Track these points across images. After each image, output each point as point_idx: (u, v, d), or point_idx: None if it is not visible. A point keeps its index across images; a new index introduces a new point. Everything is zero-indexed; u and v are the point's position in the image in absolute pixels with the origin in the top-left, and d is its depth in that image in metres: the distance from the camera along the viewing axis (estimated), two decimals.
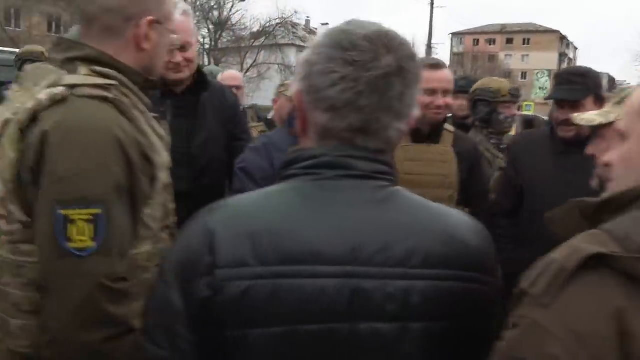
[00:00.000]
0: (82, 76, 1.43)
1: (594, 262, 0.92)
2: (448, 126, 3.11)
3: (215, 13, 32.21)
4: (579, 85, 2.87)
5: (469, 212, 2.95)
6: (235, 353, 1.04)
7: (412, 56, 1.15)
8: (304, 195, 1.11)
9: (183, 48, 2.57)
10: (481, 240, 1.16)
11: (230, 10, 32.82)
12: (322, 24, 55.87)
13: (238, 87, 4.82)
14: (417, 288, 1.06)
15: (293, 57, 42.92)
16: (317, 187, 1.11)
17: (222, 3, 32.33)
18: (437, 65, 2.97)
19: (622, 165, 1.14)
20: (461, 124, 4.24)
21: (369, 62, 1.09)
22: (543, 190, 2.83)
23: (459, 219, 1.18)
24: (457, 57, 61.91)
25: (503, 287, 1.18)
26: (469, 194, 2.97)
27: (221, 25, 32.10)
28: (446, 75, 2.97)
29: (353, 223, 1.08)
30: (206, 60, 30.63)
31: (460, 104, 4.41)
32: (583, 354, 0.89)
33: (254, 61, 34.45)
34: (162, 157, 1.53)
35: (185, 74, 2.64)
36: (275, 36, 36.69)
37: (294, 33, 46.71)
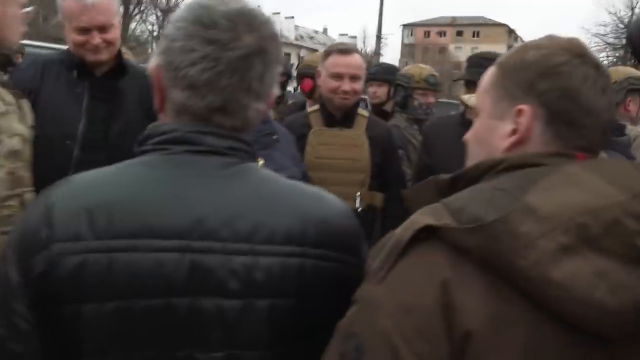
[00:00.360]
0: None
1: (426, 235, 0.92)
2: (362, 111, 3.13)
3: (163, 1, 31.62)
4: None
5: (384, 197, 3.02)
6: (72, 330, 1.01)
7: (273, 36, 1.14)
8: (149, 170, 1.09)
9: (103, 29, 2.48)
10: (340, 219, 1.15)
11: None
12: (274, 13, 55.66)
13: None
14: (261, 264, 1.04)
15: None
16: (163, 161, 1.09)
17: None
18: (346, 51, 2.96)
19: (474, 142, 1.16)
20: (380, 111, 4.29)
21: (230, 42, 1.08)
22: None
23: (317, 197, 1.16)
24: (408, 48, 62.58)
25: None
26: (384, 179, 3.00)
27: (169, 11, 31.51)
28: (355, 61, 2.95)
29: (195, 197, 1.06)
30: (155, 47, 30.00)
31: (373, 91, 4.49)
32: (409, 325, 0.88)
33: None
34: (12, 124, 1.56)
35: (105, 55, 2.53)
36: None
37: None
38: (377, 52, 31.98)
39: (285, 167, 2.28)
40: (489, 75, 1.14)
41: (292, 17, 56.81)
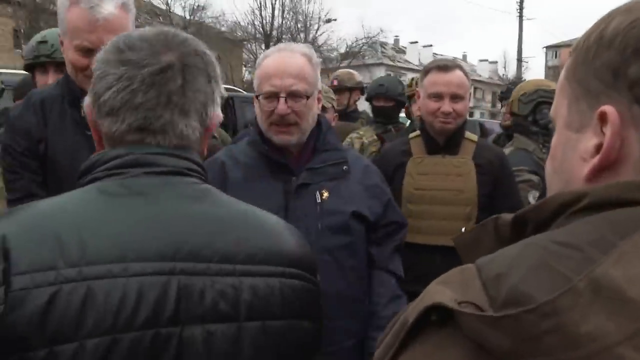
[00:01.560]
0: None
1: (441, 317, 0.62)
2: (470, 135, 2.80)
3: (302, 35, 32.65)
4: None
5: None
6: None
7: (195, 52, 1.11)
8: (110, 194, 1.02)
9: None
10: (296, 239, 1.14)
11: (316, 32, 33.23)
12: (411, 43, 55.73)
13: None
14: (245, 284, 1.00)
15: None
16: (123, 185, 1.03)
17: (308, 25, 32.82)
18: (445, 67, 2.66)
19: (549, 165, 0.83)
20: (510, 135, 3.96)
21: (144, 60, 1.05)
22: None
23: (268, 217, 1.15)
24: (552, 71, 59.69)
25: None
26: (497, 212, 2.60)
27: None
28: (456, 78, 2.65)
29: (170, 217, 1.01)
30: None
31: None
32: None
33: None
34: None
35: None
36: (362, 56, 36.78)
37: (382, 52, 46.73)
38: (518, 77, 30.68)
39: (353, 200, 2.07)
40: (564, 66, 0.80)
41: (431, 45, 56.40)
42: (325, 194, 2.04)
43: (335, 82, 5.07)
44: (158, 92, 1.04)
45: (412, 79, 4.06)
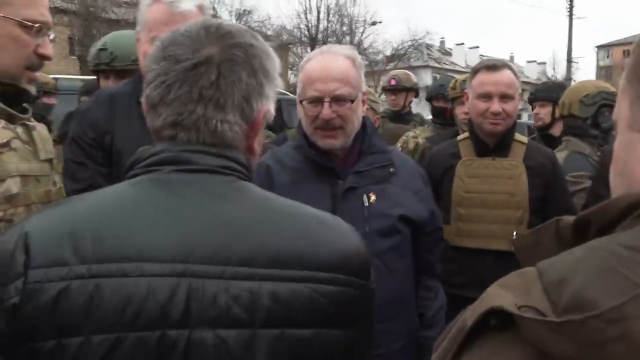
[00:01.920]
0: None
1: (500, 321, 0.60)
2: (520, 137, 2.75)
3: (347, 38, 32.67)
4: None
5: None
6: None
7: (237, 44, 1.08)
8: (138, 192, 1.03)
9: None
10: (346, 240, 1.08)
11: (362, 34, 33.21)
12: (457, 44, 55.12)
13: None
14: (266, 289, 0.96)
15: (428, 79, 42.55)
16: (153, 182, 1.04)
17: (353, 28, 32.82)
18: (494, 67, 2.62)
19: (613, 167, 0.80)
20: (545, 136, 3.91)
21: (182, 55, 1.05)
22: None
23: (320, 218, 1.10)
24: (605, 71, 58.11)
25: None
26: (548, 216, 2.51)
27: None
28: (505, 77, 2.60)
29: (189, 217, 0.99)
30: None
31: (536, 113, 4.06)
32: None
33: None
34: (3, 164, 1.42)
35: None
36: (409, 58, 36.56)
37: (428, 54, 46.36)
38: (568, 78, 30.04)
39: (400, 203, 2.05)
40: (625, 66, 0.78)
41: (477, 47, 55.64)
42: (373, 197, 2.03)
43: (394, 82, 4.99)
44: (190, 87, 1.03)
45: (455, 80, 3.96)
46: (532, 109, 4.18)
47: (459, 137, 2.83)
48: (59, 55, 27.48)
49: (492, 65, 2.63)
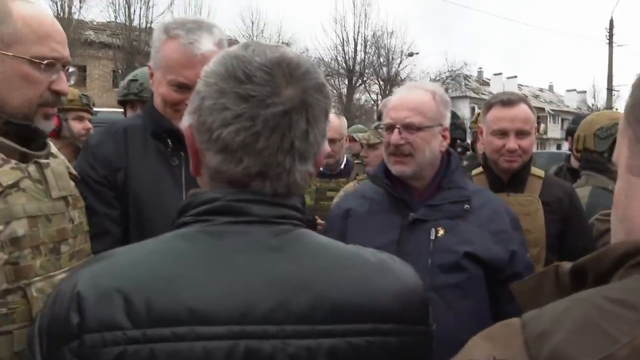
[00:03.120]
0: None
1: None
2: (537, 171, 2.66)
3: (384, 69, 32.86)
4: None
5: None
6: None
7: (317, 87, 1.01)
8: (189, 245, 0.97)
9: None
10: (409, 288, 1.03)
11: (399, 65, 33.33)
12: (495, 74, 54.77)
13: None
14: (324, 347, 0.92)
15: (466, 110, 42.30)
16: (204, 234, 0.98)
17: (390, 59, 32.99)
18: (509, 102, 2.52)
19: (613, 211, 0.78)
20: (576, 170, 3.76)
21: (267, 97, 0.96)
22: None
23: (383, 265, 1.04)
24: None
25: None
26: (567, 253, 2.35)
27: (390, 81, 32.63)
28: (521, 113, 2.51)
29: (243, 274, 0.94)
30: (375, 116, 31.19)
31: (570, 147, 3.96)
32: None
33: None
34: (9, 207, 1.39)
35: None
36: (446, 89, 36.52)
37: (466, 85, 46.20)
38: (609, 106, 29.49)
39: (470, 241, 2.01)
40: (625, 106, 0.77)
41: (515, 77, 55.25)
42: (441, 232, 2.02)
43: None
44: (281, 137, 0.96)
45: (478, 114, 3.85)
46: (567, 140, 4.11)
47: (474, 172, 2.74)
48: (102, 87, 28.30)
49: (507, 100, 2.53)
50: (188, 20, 1.99)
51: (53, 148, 1.65)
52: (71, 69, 1.60)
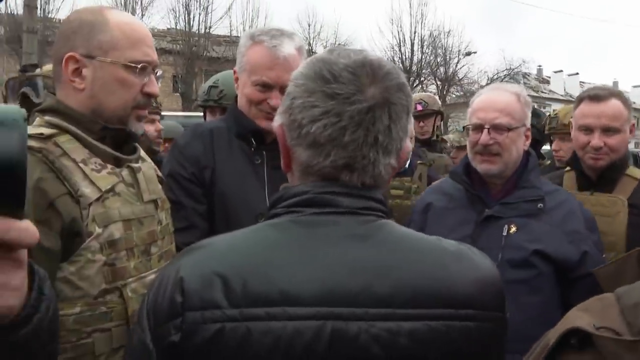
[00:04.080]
0: (31, 127, 1.48)
1: (580, 340, 0.67)
2: (634, 170, 2.52)
3: (442, 69, 32.51)
4: None
5: None
6: None
7: (399, 86, 1.09)
8: (280, 234, 1.06)
9: (284, 90, 2.17)
10: (486, 276, 1.07)
11: (457, 65, 32.92)
12: (555, 72, 53.36)
13: None
14: (404, 329, 0.98)
15: None
16: (295, 224, 1.06)
17: (447, 59, 32.61)
18: (597, 97, 2.45)
19: None
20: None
21: (352, 95, 1.04)
22: None
23: (461, 255, 1.08)
24: None
25: None
26: None
27: (448, 80, 32.28)
28: (608, 109, 2.42)
29: (330, 260, 1.01)
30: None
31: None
32: None
33: None
34: (107, 210, 1.45)
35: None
36: None
37: (525, 83, 45.20)
38: None
39: (541, 240, 2.08)
40: None
41: (577, 74, 53.71)
42: (513, 229, 2.10)
43: (420, 107, 4.54)
44: (366, 131, 1.04)
45: (549, 115, 3.79)
46: None
47: (566, 169, 2.69)
48: (163, 92, 28.77)
49: (595, 95, 2.46)
50: (272, 28, 2.18)
51: (142, 151, 1.73)
52: (159, 72, 1.68)
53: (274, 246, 1.04)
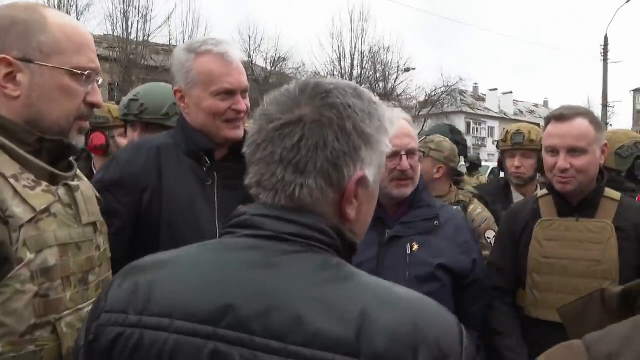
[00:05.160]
0: None
1: None
2: (611, 192, 2.40)
3: (381, 84, 32.93)
4: None
5: None
6: None
7: (334, 105, 1.03)
8: (197, 253, 1.07)
9: (244, 93, 2.06)
10: (416, 325, 0.91)
11: (395, 80, 33.44)
12: (491, 90, 55.11)
13: None
14: None
15: (462, 125, 42.42)
16: (216, 245, 1.08)
17: (387, 74, 33.10)
18: (561, 117, 2.34)
19: None
20: None
21: (275, 114, 1.03)
22: None
23: (391, 298, 0.95)
24: None
25: None
26: None
27: (387, 96, 32.71)
28: (574, 129, 2.28)
29: (233, 283, 0.97)
30: None
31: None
32: None
33: (421, 130, 34.46)
34: (41, 234, 1.28)
35: (241, 130, 2.06)
36: (442, 105, 36.59)
37: (462, 100, 46.38)
38: (604, 122, 29.68)
39: (441, 254, 2.21)
40: None
41: (511, 92, 55.66)
42: (415, 246, 2.21)
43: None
44: (274, 147, 1.01)
45: (507, 132, 3.74)
46: None
47: (540, 193, 2.55)
48: None
49: (560, 115, 2.33)
50: (208, 38, 2.08)
51: (77, 169, 1.54)
52: (100, 80, 1.50)
53: (193, 263, 1.04)
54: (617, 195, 2.40)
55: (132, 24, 26.49)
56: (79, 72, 1.40)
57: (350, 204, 1.05)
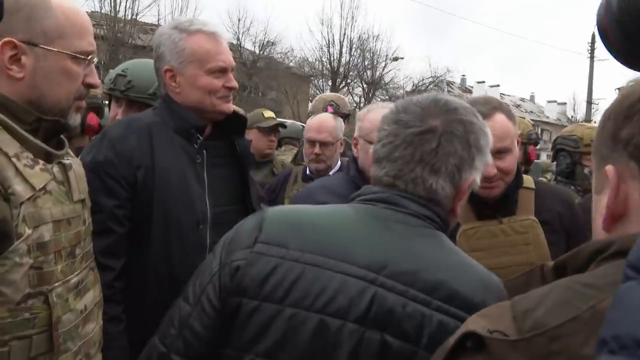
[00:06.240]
0: None
1: (476, 343, 0.73)
2: (526, 180, 2.21)
3: (369, 73, 32.96)
4: None
5: None
6: (248, 322, 1.17)
7: (460, 121, 1.27)
8: (355, 213, 1.28)
9: (231, 72, 2.13)
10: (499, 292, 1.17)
11: (383, 69, 33.46)
12: (478, 82, 55.18)
13: None
14: (434, 319, 1.10)
15: None
16: (368, 210, 1.27)
17: (375, 63, 33.10)
18: (480, 114, 2.10)
19: (592, 227, 0.93)
20: None
21: (411, 122, 1.26)
22: None
23: (479, 271, 1.22)
24: None
25: None
26: None
27: (374, 84, 32.76)
28: (494, 129, 1.74)
29: (389, 242, 1.19)
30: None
31: None
32: None
33: None
34: (38, 210, 1.36)
35: (231, 105, 2.14)
36: None
37: (449, 91, 46.47)
38: (588, 119, 29.98)
39: None
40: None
41: (498, 86, 55.68)
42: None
43: (331, 109, 4.27)
44: (414, 150, 1.24)
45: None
46: None
47: None
48: None
49: (479, 113, 1.95)
50: (190, 18, 2.16)
51: (68, 147, 1.62)
52: (96, 60, 1.59)
53: (348, 219, 1.25)
54: (531, 182, 2.23)
55: (120, 2, 26.24)
56: (82, 56, 1.48)
57: (460, 201, 1.31)
